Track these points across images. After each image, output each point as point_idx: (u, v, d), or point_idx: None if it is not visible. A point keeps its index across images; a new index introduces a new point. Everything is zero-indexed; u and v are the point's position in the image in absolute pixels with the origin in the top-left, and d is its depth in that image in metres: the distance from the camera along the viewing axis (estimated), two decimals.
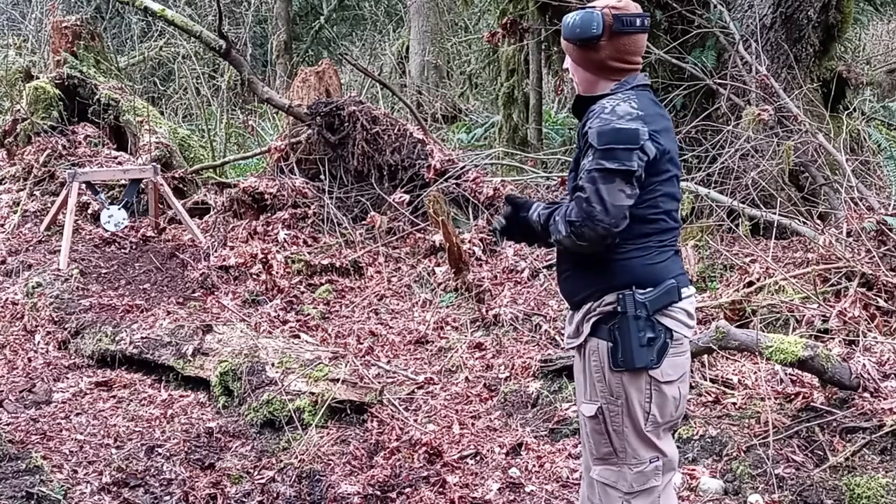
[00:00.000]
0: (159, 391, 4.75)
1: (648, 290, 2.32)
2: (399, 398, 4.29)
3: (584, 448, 2.54)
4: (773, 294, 4.52)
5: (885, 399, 3.50)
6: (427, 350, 4.99)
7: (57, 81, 8.23)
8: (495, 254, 6.05)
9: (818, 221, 5.31)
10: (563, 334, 4.76)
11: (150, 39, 14.25)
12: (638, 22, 2.35)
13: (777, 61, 6.57)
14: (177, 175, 7.77)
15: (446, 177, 6.53)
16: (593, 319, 2.37)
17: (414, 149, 6.80)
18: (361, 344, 5.03)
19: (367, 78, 11.22)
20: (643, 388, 2.34)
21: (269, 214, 6.71)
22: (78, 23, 9.25)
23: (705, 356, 4.03)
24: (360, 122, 6.79)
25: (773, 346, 3.53)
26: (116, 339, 5.12)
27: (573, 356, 2.57)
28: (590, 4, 2.39)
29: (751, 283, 4.64)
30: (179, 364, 4.81)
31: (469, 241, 5.97)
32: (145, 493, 3.61)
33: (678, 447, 2.77)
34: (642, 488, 2.39)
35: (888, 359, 3.79)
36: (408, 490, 3.48)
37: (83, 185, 6.86)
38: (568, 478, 3.54)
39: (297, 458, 3.78)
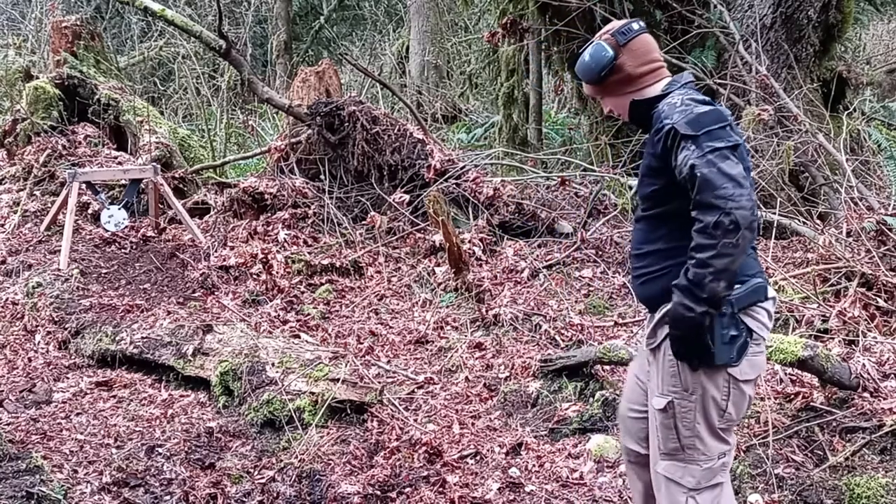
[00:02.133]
0: (159, 391, 4.75)
1: (736, 287, 2.28)
2: (399, 398, 4.29)
3: (651, 444, 2.53)
4: None
5: (884, 399, 3.50)
6: (427, 350, 4.99)
7: (57, 81, 8.23)
8: (495, 254, 6.05)
9: (818, 221, 5.32)
10: (562, 334, 4.78)
11: (150, 39, 14.25)
12: (634, 26, 2.41)
13: (777, 61, 6.58)
14: (177, 175, 7.77)
15: (446, 177, 6.53)
16: None
17: (414, 149, 6.80)
18: (361, 344, 5.03)
19: (367, 78, 11.22)
20: (721, 386, 2.34)
21: (269, 214, 6.71)
22: (78, 23, 9.25)
23: None
24: (360, 122, 6.79)
25: (773, 346, 3.53)
26: (116, 339, 5.12)
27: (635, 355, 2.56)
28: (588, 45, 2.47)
29: None
30: (180, 364, 4.81)
31: (469, 241, 5.97)
32: (145, 493, 3.61)
33: None
34: (709, 484, 2.40)
35: (888, 359, 3.79)
36: (408, 490, 3.48)
37: (83, 185, 6.86)
38: (568, 478, 3.54)
39: (297, 457, 3.79)
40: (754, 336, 2.35)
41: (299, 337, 5.11)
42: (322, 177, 6.97)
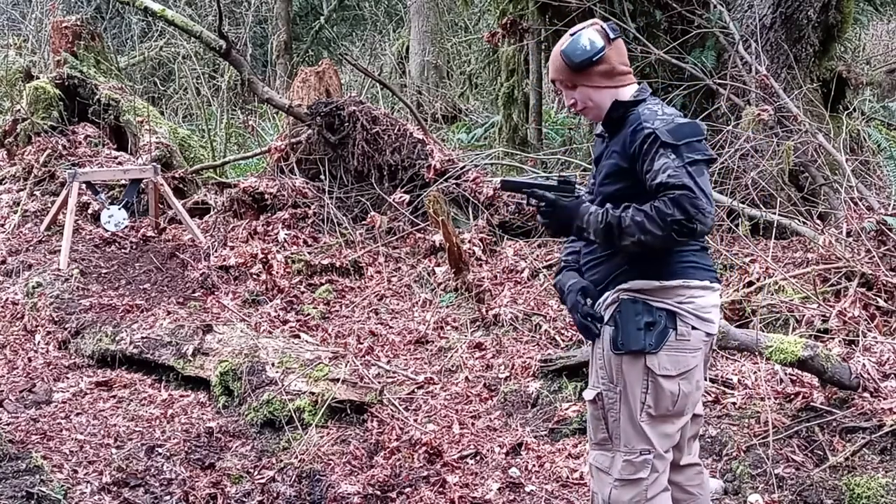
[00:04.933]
0: (159, 391, 4.75)
1: (673, 281, 2.40)
2: (399, 398, 4.29)
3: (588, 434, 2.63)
4: (773, 294, 4.52)
5: (884, 399, 3.50)
6: (427, 350, 4.99)
7: (57, 81, 8.23)
8: (495, 254, 6.05)
9: (818, 221, 5.31)
10: (562, 334, 4.78)
11: (150, 39, 14.25)
12: (617, 28, 2.48)
13: (777, 61, 6.57)
14: (177, 175, 7.76)
15: (446, 177, 6.53)
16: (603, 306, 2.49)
17: (414, 149, 6.80)
18: (361, 344, 5.03)
19: (367, 78, 11.22)
20: (640, 378, 2.40)
21: (270, 214, 6.71)
22: (78, 23, 9.25)
23: None
24: (360, 122, 6.79)
25: (773, 346, 3.53)
26: (116, 339, 5.12)
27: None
28: (571, 31, 2.48)
29: (751, 283, 4.64)
30: (179, 364, 4.81)
31: (469, 241, 5.97)
32: (145, 493, 3.61)
33: None
34: (630, 478, 2.44)
35: (888, 359, 3.79)
36: (408, 490, 3.48)
37: (83, 185, 6.86)
38: (568, 478, 3.54)
39: (297, 457, 3.79)
40: (679, 328, 2.38)
41: (299, 337, 5.11)
42: (322, 177, 6.96)
